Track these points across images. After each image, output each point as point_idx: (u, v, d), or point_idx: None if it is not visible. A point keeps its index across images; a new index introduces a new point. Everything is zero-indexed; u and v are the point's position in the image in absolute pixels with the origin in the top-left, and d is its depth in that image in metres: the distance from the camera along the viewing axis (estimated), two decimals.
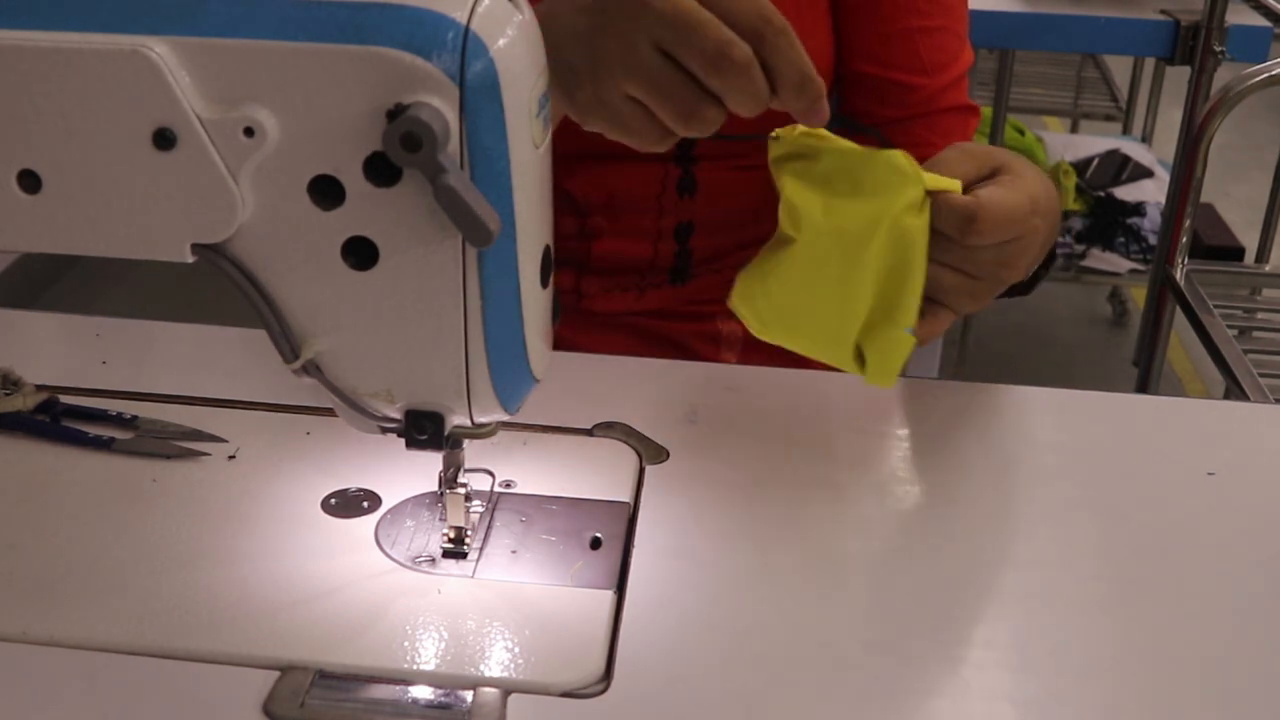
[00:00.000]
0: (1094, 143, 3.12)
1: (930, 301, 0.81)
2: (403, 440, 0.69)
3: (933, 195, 0.79)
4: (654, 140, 0.75)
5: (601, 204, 1.08)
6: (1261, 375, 1.43)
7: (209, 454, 0.83)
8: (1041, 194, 0.83)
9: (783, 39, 0.72)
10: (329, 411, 0.71)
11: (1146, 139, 3.21)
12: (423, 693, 0.66)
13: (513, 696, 0.65)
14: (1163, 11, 2.13)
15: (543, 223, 0.67)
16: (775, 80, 0.73)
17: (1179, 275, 1.62)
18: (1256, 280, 1.82)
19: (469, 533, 0.75)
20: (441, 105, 0.58)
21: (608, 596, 0.72)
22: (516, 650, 0.68)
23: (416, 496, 0.80)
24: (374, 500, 0.79)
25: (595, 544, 0.77)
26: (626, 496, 0.81)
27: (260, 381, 0.89)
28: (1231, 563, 0.78)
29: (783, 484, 0.83)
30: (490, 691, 0.66)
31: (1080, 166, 2.92)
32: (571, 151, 0.99)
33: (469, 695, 0.65)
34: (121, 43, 0.59)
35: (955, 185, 0.80)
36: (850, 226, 0.79)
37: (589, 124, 0.77)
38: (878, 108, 1.05)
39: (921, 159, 1.04)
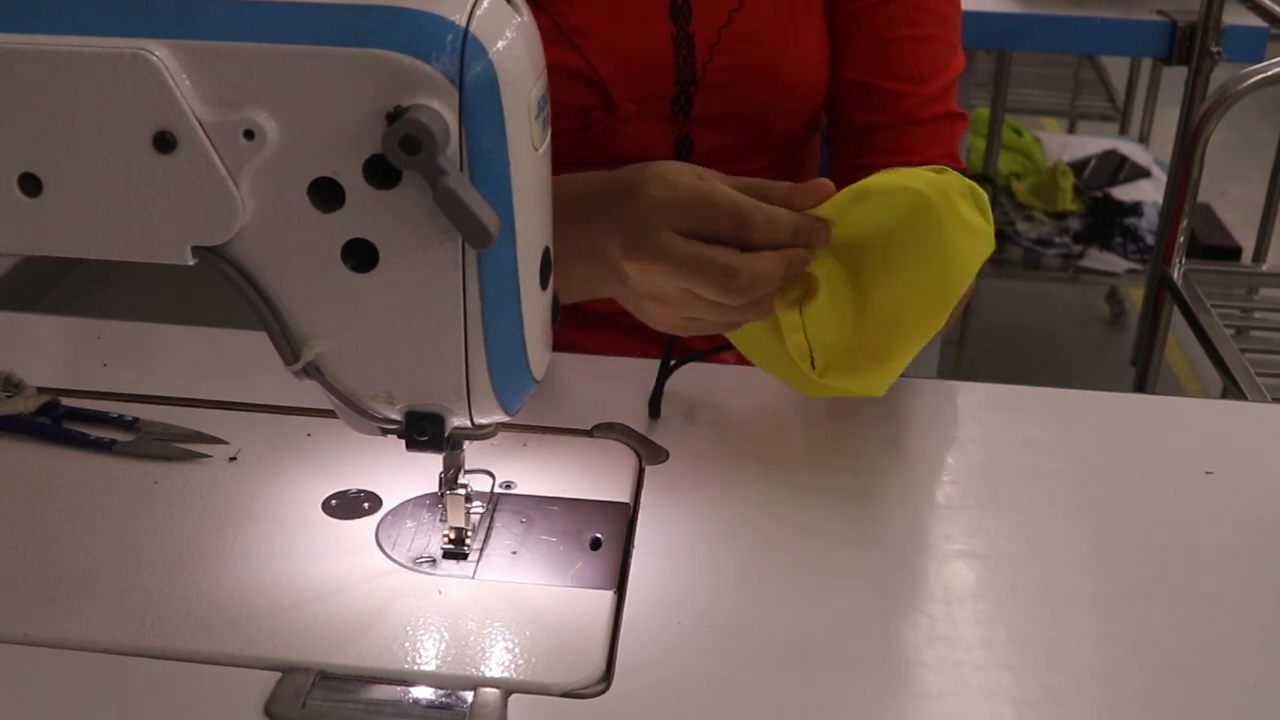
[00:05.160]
0: (1091, 143, 3.11)
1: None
2: (403, 442, 0.69)
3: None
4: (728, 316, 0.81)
5: None
6: (1259, 374, 1.43)
7: (210, 456, 0.84)
8: None
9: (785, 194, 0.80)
10: (329, 413, 0.71)
11: (1143, 139, 3.21)
12: (424, 693, 0.66)
13: (513, 697, 0.66)
14: (1159, 12, 2.13)
15: (542, 224, 0.67)
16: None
17: (1176, 275, 1.62)
18: (1254, 280, 1.81)
19: (469, 534, 0.76)
20: (441, 107, 0.59)
21: (608, 596, 0.73)
22: (517, 651, 0.68)
23: (417, 498, 0.80)
24: (374, 501, 0.80)
25: (595, 544, 0.77)
26: (626, 497, 0.81)
27: (261, 383, 0.89)
28: (1230, 562, 0.78)
29: (782, 484, 0.83)
30: (491, 692, 0.66)
31: (1077, 167, 2.92)
32: (570, 160, 1.00)
33: (470, 696, 0.66)
34: (122, 46, 0.59)
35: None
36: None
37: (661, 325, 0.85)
38: (864, 115, 1.06)
39: (904, 165, 1.04)
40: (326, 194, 0.62)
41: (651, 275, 0.79)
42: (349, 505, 0.79)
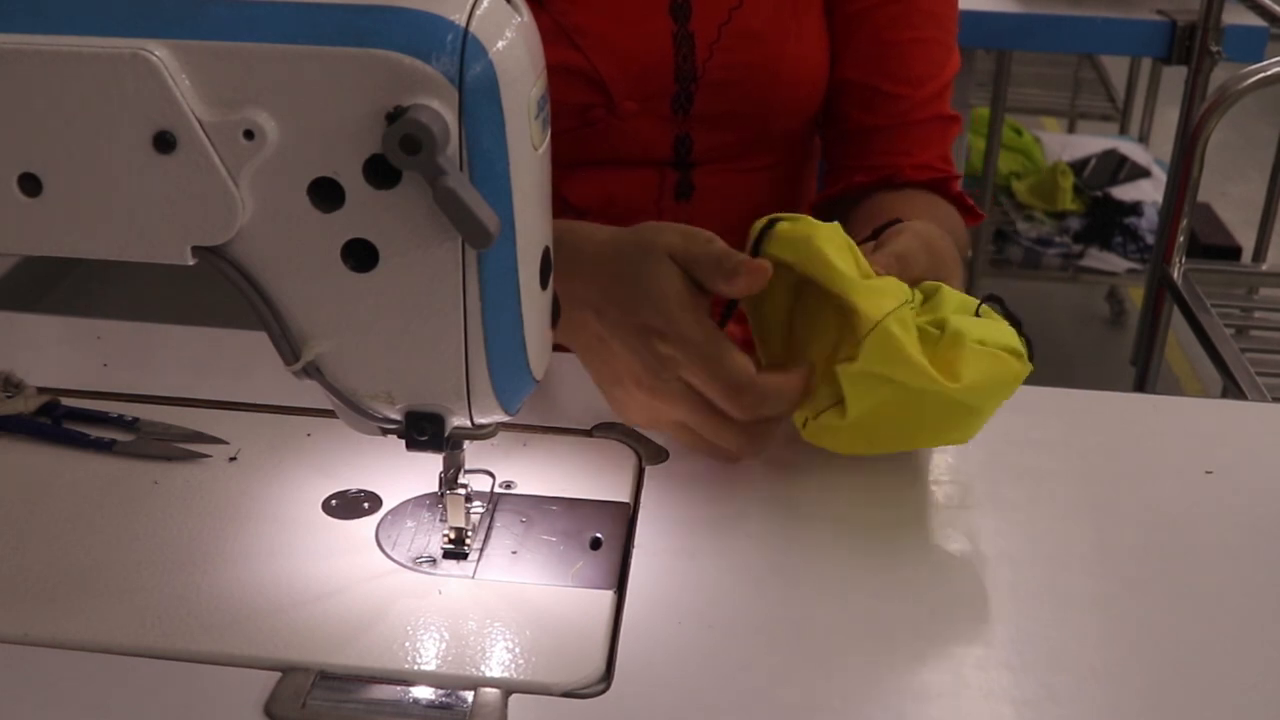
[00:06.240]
0: (1091, 143, 3.12)
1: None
2: (403, 442, 0.69)
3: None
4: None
5: (599, 209, 1.08)
6: (1259, 374, 1.43)
7: (210, 456, 0.84)
8: None
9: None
10: (330, 413, 0.71)
11: (1143, 139, 3.22)
12: (424, 693, 0.66)
13: (513, 697, 0.66)
14: (1159, 12, 2.13)
15: (542, 224, 0.67)
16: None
17: (1176, 275, 1.62)
18: (1253, 279, 1.82)
19: (469, 533, 0.76)
20: (441, 107, 0.59)
21: (608, 596, 0.73)
22: (517, 650, 0.68)
23: (417, 498, 0.80)
24: (374, 501, 0.80)
25: (595, 544, 0.77)
26: (626, 497, 0.81)
27: (261, 383, 0.89)
28: (1230, 561, 0.78)
29: (782, 484, 0.83)
30: (491, 692, 0.66)
31: (1077, 166, 2.93)
32: (570, 159, 1.00)
33: (470, 695, 0.66)
34: (122, 46, 0.59)
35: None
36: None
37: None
38: (861, 115, 1.06)
39: (898, 166, 1.05)
40: (326, 194, 0.62)
41: (659, 409, 0.79)
42: (349, 505, 0.79)
